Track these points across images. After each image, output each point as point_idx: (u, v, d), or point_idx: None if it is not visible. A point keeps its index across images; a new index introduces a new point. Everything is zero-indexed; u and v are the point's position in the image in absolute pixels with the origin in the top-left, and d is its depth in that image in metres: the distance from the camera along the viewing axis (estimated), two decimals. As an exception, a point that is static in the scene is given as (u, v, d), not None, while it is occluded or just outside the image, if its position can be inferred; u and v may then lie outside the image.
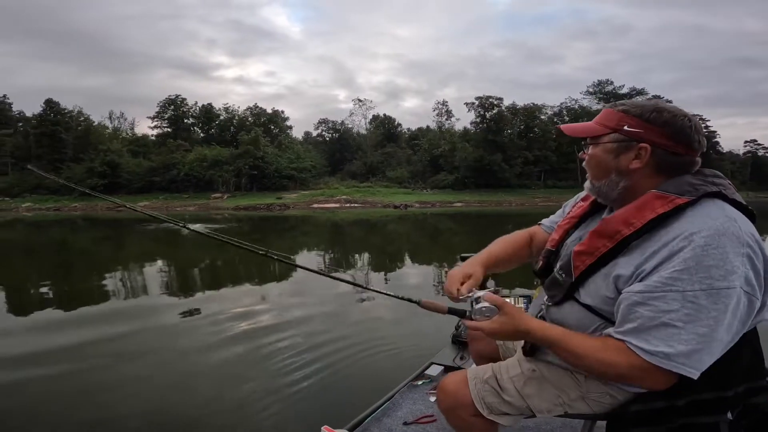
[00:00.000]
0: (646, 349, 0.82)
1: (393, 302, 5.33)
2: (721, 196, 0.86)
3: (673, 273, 0.80)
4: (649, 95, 51.63)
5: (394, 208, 34.01)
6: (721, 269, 0.78)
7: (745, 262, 0.79)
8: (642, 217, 0.86)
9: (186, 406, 2.65)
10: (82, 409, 2.65)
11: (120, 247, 13.38)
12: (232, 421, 2.41)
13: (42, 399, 2.80)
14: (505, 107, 50.44)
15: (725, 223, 0.81)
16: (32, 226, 23.46)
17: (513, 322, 0.93)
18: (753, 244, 0.81)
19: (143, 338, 4.00)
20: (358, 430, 1.67)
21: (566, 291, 0.99)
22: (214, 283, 6.80)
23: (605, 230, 0.91)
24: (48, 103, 52.88)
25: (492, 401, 1.06)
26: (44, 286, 6.68)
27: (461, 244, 11.70)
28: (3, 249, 13.49)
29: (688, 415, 0.90)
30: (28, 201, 45.55)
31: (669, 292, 0.80)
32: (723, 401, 0.91)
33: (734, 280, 0.78)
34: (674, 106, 0.91)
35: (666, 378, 0.84)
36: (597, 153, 0.95)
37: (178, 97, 57.41)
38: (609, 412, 1.01)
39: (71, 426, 2.47)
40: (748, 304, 0.81)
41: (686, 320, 0.79)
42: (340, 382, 2.90)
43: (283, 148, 51.65)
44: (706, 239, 0.79)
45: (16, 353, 3.59)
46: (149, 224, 17.74)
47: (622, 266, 0.87)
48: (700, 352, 0.80)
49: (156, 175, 46.80)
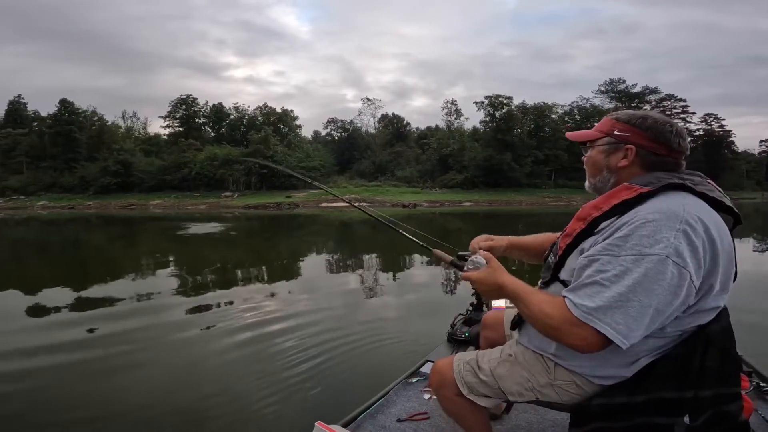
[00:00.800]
0: (574, 302, 0.91)
1: (389, 300, 5.29)
2: (685, 188, 0.93)
3: (613, 240, 0.91)
4: (662, 94, 50.97)
5: (403, 207, 33.98)
6: (651, 238, 0.86)
7: (678, 236, 0.85)
8: (609, 203, 0.97)
9: (181, 401, 2.65)
10: (89, 399, 2.71)
11: (133, 245, 13.56)
12: (226, 416, 2.42)
13: (52, 391, 2.87)
14: (515, 106, 50.08)
15: (671, 205, 0.90)
16: (47, 224, 23.89)
17: (494, 275, 1.08)
18: (695, 224, 0.87)
19: (145, 331, 4.08)
20: (352, 426, 1.68)
21: (552, 271, 1.09)
22: (216, 280, 6.85)
23: (582, 214, 1.03)
24: (62, 103, 53.77)
25: (471, 380, 1.17)
26: (60, 282, 6.80)
27: (470, 243, 11.63)
28: (20, 247, 13.77)
29: (646, 413, 0.95)
30: (43, 199, 46.40)
31: (605, 256, 0.90)
32: (680, 403, 0.93)
33: (662, 248, 0.85)
34: (661, 115, 1.04)
35: (591, 336, 0.88)
36: (593, 154, 1.10)
37: (189, 96, 58.01)
38: (576, 403, 1.07)
39: (78, 416, 2.52)
40: (678, 275, 0.85)
41: (612, 280, 0.88)
42: (335, 378, 2.92)
43: (293, 148, 51.95)
44: (647, 215, 0.89)
45: (30, 345, 3.66)
46: (165, 222, 17.93)
47: (587, 243, 0.99)
48: (616, 310, 0.86)
49: (168, 174, 47.34)
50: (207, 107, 59.22)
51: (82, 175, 48.63)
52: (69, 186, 48.68)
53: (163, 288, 6.08)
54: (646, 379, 0.95)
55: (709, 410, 0.94)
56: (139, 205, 41.84)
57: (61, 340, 3.82)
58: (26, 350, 3.58)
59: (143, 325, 4.27)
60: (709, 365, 0.93)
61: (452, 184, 46.10)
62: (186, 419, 2.46)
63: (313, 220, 22.81)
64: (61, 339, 3.86)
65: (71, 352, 3.53)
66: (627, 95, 51.52)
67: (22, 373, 3.12)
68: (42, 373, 3.12)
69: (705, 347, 0.93)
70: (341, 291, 5.62)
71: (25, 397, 2.78)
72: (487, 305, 2.53)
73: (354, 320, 4.21)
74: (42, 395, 2.82)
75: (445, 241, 1.51)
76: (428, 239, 1.45)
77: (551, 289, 1.10)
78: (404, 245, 1.58)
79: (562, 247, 1.06)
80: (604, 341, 0.88)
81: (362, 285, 6.13)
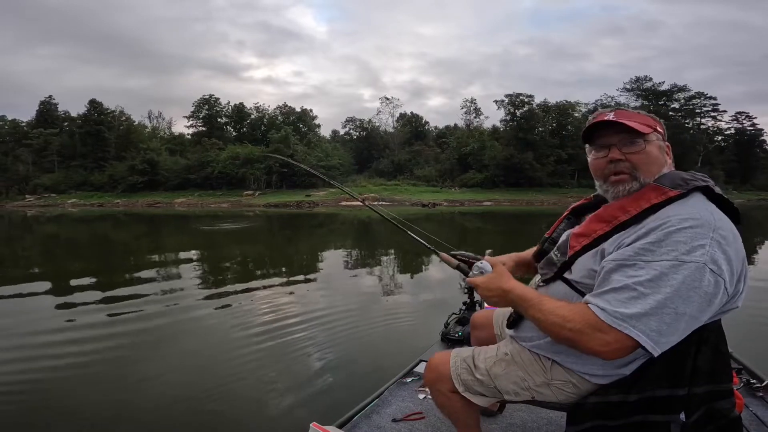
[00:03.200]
0: (603, 307, 0.87)
1: (386, 300, 5.20)
2: (708, 191, 0.94)
3: (645, 245, 0.88)
4: (691, 91, 49.20)
5: (422, 207, 33.86)
6: (687, 245, 0.84)
7: (713, 244, 0.84)
8: (638, 205, 0.94)
9: (174, 402, 2.63)
10: (104, 386, 2.82)
11: (160, 241, 13.94)
12: (220, 418, 2.40)
13: (75, 380, 2.98)
14: (536, 105, 49.22)
15: (702, 212, 0.89)
16: (77, 221, 24.77)
17: (499, 279, 1.06)
18: (726, 233, 0.87)
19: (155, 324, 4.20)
20: (347, 427, 1.67)
21: (558, 269, 1.07)
22: (219, 279, 6.98)
23: (604, 215, 0.99)
24: (92, 104, 55.68)
25: (467, 378, 1.16)
26: (88, 274, 7.06)
27: (489, 243, 11.54)
28: (52, 242, 14.34)
29: (641, 411, 0.95)
30: (73, 197, 48.17)
31: (638, 261, 0.87)
32: (675, 400, 0.93)
33: (699, 255, 0.83)
34: None
35: (616, 342, 0.85)
36: (651, 149, 0.99)
37: (211, 97, 59.24)
38: (572, 402, 1.06)
39: (97, 404, 2.62)
40: (714, 283, 0.84)
41: (647, 286, 0.84)
42: (329, 378, 2.90)
43: (312, 147, 52.41)
44: (681, 221, 0.87)
45: (56, 337, 3.83)
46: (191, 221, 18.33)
47: (609, 243, 0.96)
48: (651, 317, 0.83)
49: (192, 173, 48.45)
50: (229, 107, 60.40)
51: (110, 174, 50.28)
52: (98, 184, 50.40)
53: (171, 283, 6.24)
54: (641, 377, 0.95)
55: (702, 407, 0.95)
56: (165, 203, 42.97)
57: (81, 331, 3.99)
58: (51, 342, 3.74)
59: (142, 327, 4.28)
60: (702, 364, 0.94)
61: (472, 183, 45.67)
62: (179, 421, 2.41)
63: (331, 219, 22.97)
64: (81, 329, 4.04)
65: (83, 344, 3.66)
66: (654, 93, 49.91)
67: (46, 360, 3.27)
68: (66, 364, 3.24)
69: (698, 346, 0.93)
70: (340, 291, 5.59)
71: (52, 384, 2.90)
72: (480, 304, 2.52)
73: (347, 321, 4.17)
74: (64, 382, 2.95)
75: (466, 241, 1.52)
76: (437, 242, 1.43)
77: (552, 287, 1.08)
78: (415, 245, 1.57)
79: (574, 247, 1.02)
80: (632, 347, 0.86)
81: (363, 286, 6.08)
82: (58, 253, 11.40)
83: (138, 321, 4.40)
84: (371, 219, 21.57)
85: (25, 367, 3.20)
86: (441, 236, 1.46)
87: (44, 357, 3.37)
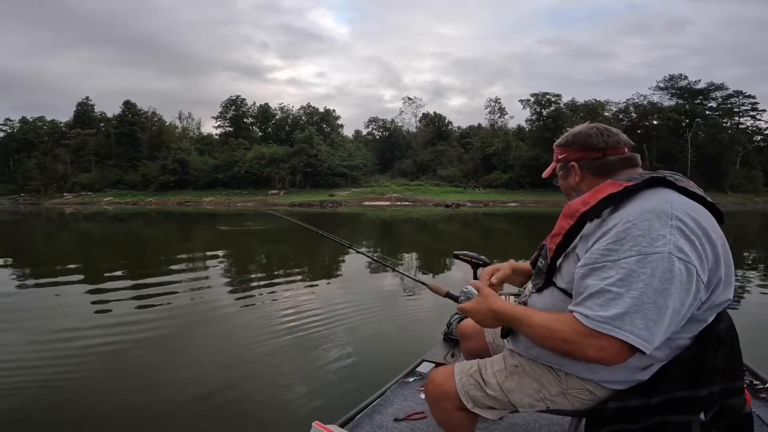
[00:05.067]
0: (586, 314, 0.87)
1: (389, 300, 5.08)
2: (666, 183, 0.94)
3: (608, 245, 0.88)
4: (729, 90, 47.06)
5: (446, 207, 33.67)
6: (647, 237, 0.85)
7: (673, 232, 0.84)
8: (596, 197, 0.96)
9: (174, 401, 2.62)
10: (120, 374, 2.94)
11: (191, 238, 14.40)
12: (221, 418, 2.41)
13: (102, 371, 3.12)
14: (564, 104, 48.15)
15: (656, 203, 0.89)
16: (112, 218, 25.82)
17: (486, 302, 1.07)
18: (686, 218, 0.86)
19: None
20: (349, 426, 1.68)
21: (546, 276, 1.07)
22: (224, 280, 7.14)
23: (568, 211, 1.01)
24: (126, 105, 57.96)
25: (476, 395, 1.12)
26: (121, 270, 7.40)
27: (513, 245, 11.37)
28: (89, 239, 15.02)
29: (662, 413, 0.94)
30: (108, 195, 50.27)
31: (606, 262, 0.87)
32: (696, 401, 0.94)
33: (662, 245, 0.83)
34: (588, 125, 1.10)
35: (611, 346, 0.85)
36: (560, 183, 1.16)
37: (238, 97, 60.65)
38: (589, 409, 1.05)
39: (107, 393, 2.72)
40: (686, 271, 0.83)
41: (620, 285, 0.85)
42: (332, 377, 2.89)
43: (335, 146, 52.86)
44: (636, 216, 0.88)
45: (87, 331, 4.03)
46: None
47: (580, 247, 0.97)
48: (634, 315, 0.83)
49: (219, 172, 49.75)
50: (254, 108, 61.67)
51: (144, 173, 52.22)
52: (132, 183, 52.45)
53: (191, 279, 6.44)
54: (660, 380, 0.95)
55: (716, 405, 0.96)
56: (194, 202, 44.30)
57: (111, 320, 4.19)
58: (82, 334, 3.95)
59: (162, 323, 4.36)
60: (719, 363, 0.94)
61: (496, 184, 45.08)
62: (180, 421, 2.40)
63: (354, 219, 23.11)
64: (111, 319, 4.24)
65: (109, 336, 3.82)
66: (689, 92, 47.97)
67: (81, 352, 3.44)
68: (93, 354, 3.40)
69: (716, 347, 0.93)
70: (345, 291, 5.55)
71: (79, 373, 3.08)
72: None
73: (348, 320, 4.16)
74: (91, 372, 3.09)
75: (487, 243, 1.55)
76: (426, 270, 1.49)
77: (545, 294, 1.08)
78: (449, 247, 1.52)
79: (552, 249, 1.04)
80: (628, 350, 0.85)
81: (369, 285, 6.03)
82: (95, 248, 11.94)
83: (159, 316, 4.55)
84: (394, 218, 21.65)
85: (53, 356, 3.36)
86: (463, 237, 1.49)
87: (75, 347, 3.54)
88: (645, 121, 47.15)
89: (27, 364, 3.20)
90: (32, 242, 13.57)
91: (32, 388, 2.80)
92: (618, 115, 48.77)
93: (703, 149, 43.07)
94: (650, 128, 46.30)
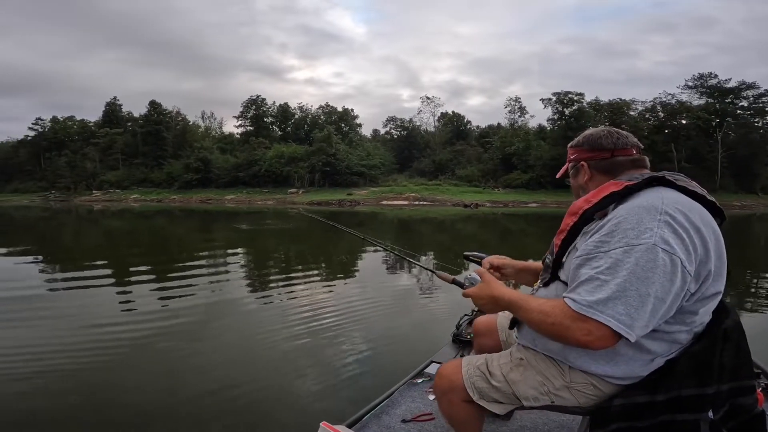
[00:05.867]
0: (574, 299, 0.93)
1: (399, 299, 5.07)
2: (666, 182, 0.98)
3: (601, 237, 0.95)
4: (761, 89, 45.15)
5: (464, 207, 33.43)
6: (635, 230, 0.90)
7: (661, 225, 0.89)
8: (598, 196, 1.02)
9: (180, 398, 2.63)
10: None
11: (209, 236, 14.73)
12: (229, 416, 2.39)
13: (119, 358, 3.24)
14: (587, 103, 47.12)
15: (650, 200, 0.94)
16: (138, 215, 26.60)
17: (488, 288, 1.14)
18: (675, 214, 0.90)
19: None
20: (357, 427, 1.67)
21: (552, 271, 1.12)
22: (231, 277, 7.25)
23: (573, 209, 1.07)
24: (152, 104, 59.51)
25: (482, 386, 1.15)
26: (145, 265, 7.66)
27: (531, 246, 11.20)
28: (117, 234, 15.52)
29: (669, 411, 0.95)
30: (135, 193, 51.78)
31: (598, 253, 0.93)
32: (703, 399, 0.95)
33: (648, 237, 0.88)
34: (600, 128, 1.16)
35: (596, 330, 0.89)
36: (571, 182, 1.22)
37: (258, 97, 61.48)
38: (594, 405, 1.06)
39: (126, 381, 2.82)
40: (670, 262, 0.87)
41: (607, 273, 0.90)
42: (340, 378, 2.89)
43: (354, 146, 53.08)
44: (628, 211, 0.94)
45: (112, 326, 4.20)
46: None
47: (579, 240, 1.04)
48: (616, 301, 0.88)
49: (240, 171, 50.64)
50: (274, 107, 62.46)
51: (168, 171, 53.58)
52: (158, 181, 53.88)
53: (209, 277, 6.57)
54: (666, 377, 0.96)
55: (726, 404, 0.97)
56: (216, 200, 45.23)
57: (133, 314, 4.35)
58: (108, 324, 4.11)
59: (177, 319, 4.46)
60: (726, 361, 0.95)
61: (516, 184, 44.48)
62: (187, 417, 2.41)
63: (372, 218, 23.19)
64: (133, 312, 4.40)
65: (129, 332, 3.95)
66: (719, 90, 46.27)
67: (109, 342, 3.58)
68: (116, 345, 3.53)
69: (723, 344, 0.95)
70: (353, 292, 5.52)
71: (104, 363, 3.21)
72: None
73: (357, 320, 4.15)
74: (113, 362, 3.21)
75: (505, 243, 1.57)
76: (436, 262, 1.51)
77: (551, 288, 1.12)
78: (465, 247, 1.52)
79: (557, 244, 1.09)
80: (613, 335, 0.89)
81: (378, 286, 5.95)
82: (122, 243, 12.35)
83: (176, 310, 4.69)
84: (411, 218, 21.63)
85: (79, 345, 3.51)
86: (480, 238, 1.52)
87: (100, 338, 3.69)
88: (673, 121, 45.70)
89: (58, 351, 3.37)
90: (66, 238, 14.14)
91: (65, 373, 2.96)
92: (644, 115, 47.43)
93: (734, 150, 41.51)
94: (679, 128, 44.87)
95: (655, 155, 43.82)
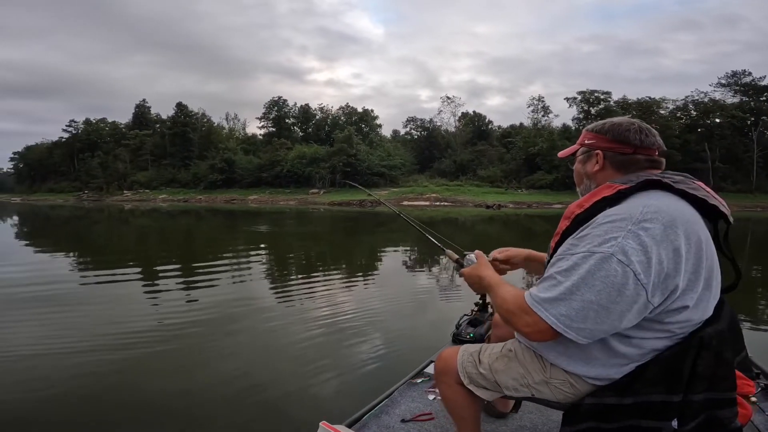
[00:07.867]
0: (531, 293, 0.98)
1: (399, 299, 5.06)
2: (661, 185, 0.96)
3: (574, 240, 0.97)
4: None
5: (486, 208, 33.06)
6: (601, 238, 0.91)
7: (627, 235, 0.88)
8: (590, 200, 1.01)
9: (179, 395, 2.65)
10: None
11: (232, 235, 15.05)
12: (229, 415, 2.39)
13: (147, 358, 3.30)
14: (614, 101, 45.91)
15: (630, 207, 0.93)
16: (166, 214, 27.40)
17: (478, 269, 1.23)
18: (650, 225, 0.89)
19: None
20: (357, 426, 1.67)
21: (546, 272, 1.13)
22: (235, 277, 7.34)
23: (567, 213, 1.06)
24: (179, 106, 61.36)
25: (471, 371, 1.22)
26: (172, 264, 7.90)
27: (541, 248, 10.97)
28: (149, 233, 16.03)
29: (635, 416, 0.96)
30: (163, 193, 53.46)
31: (566, 254, 0.96)
32: (669, 406, 0.94)
33: (609, 246, 0.89)
34: (625, 118, 1.09)
35: (537, 324, 0.94)
36: (575, 166, 1.17)
37: (280, 98, 62.64)
38: (569, 402, 1.08)
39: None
40: (621, 273, 0.87)
41: (563, 275, 0.93)
42: (339, 378, 2.89)
43: (374, 146, 53.26)
44: (605, 217, 0.94)
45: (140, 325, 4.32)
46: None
47: None
48: (561, 302, 0.91)
49: (263, 171, 51.62)
50: (295, 108, 63.43)
51: (194, 172, 55.10)
52: (184, 181, 55.50)
53: (229, 279, 6.68)
54: (636, 381, 0.96)
55: (700, 415, 0.94)
56: (240, 199, 46.21)
57: (158, 310, 4.47)
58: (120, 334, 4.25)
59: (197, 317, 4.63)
60: (702, 369, 0.93)
61: (540, 185, 43.66)
62: (189, 417, 2.40)
63: (393, 218, 23.19)
64: (159, 308, 4.52)
65: (151, 330, 4.03)
66: (754, 88, 44.30)
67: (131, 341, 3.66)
68: (140, 341, 3.58)
69: (698, 351, 0.92)
70: (356, 292, 5.51)
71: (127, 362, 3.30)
72: (492, 305, 2.49)
73: (358, 319, 4.14)
74: (139, 355, 3.29)
75: (527, 244, 1.57)
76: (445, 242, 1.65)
77: None
78: (485, 248, 1.53)
79: (552, 246, 1.10)
80: (548, 330, 0.93)
81: (381, 286, 5.91)
82: (151, 242, 12.77)
83: (197, 310, 4.79)
84: (433, 219, 21.53)
85: (106, 338, 3.60)
86: (503, 239, 1.53)
87: (124, 332, 3.78)
88: (706, 120, 44.03)
89: (87, 345, 3.48)
90: (100, 236, 14.74)
91: (93, 365, 3.06)
92: (676, 113, 45.82)
93: (771, 149, 39.72)
94: (712, 127, 43.22)
95: (688, 155, 42.23)
